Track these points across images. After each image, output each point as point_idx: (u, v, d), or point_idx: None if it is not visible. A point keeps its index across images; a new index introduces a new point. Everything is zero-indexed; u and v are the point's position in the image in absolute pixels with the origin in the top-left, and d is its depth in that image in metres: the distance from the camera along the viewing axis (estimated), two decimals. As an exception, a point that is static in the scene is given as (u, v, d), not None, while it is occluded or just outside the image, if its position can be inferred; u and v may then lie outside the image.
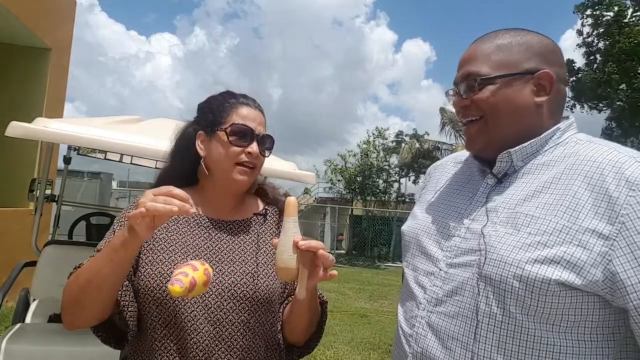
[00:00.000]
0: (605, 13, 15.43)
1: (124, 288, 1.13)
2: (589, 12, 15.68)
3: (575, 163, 0.92)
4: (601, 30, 15.57)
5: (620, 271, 0.81)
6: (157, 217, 0.93)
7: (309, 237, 0.99)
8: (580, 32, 16.09)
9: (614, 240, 0.82)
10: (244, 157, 1.19)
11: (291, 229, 0.98)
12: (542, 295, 0.85)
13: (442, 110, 19.56)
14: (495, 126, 1.00)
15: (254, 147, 1.19)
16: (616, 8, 15.08)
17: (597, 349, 0.86)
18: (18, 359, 2.37)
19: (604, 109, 16.27)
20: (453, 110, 1.15)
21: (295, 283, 0.99)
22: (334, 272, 1.00)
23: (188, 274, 0.92)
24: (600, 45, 15.58)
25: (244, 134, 1.19)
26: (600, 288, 0.83)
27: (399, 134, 24.22)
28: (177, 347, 1.11)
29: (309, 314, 1.18)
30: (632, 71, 14.12)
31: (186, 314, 1.11)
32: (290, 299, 1.24)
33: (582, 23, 16.01)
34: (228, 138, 1.19)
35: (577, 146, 0.97)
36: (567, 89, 1.08)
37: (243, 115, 1.22)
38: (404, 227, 1.18)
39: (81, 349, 2.42)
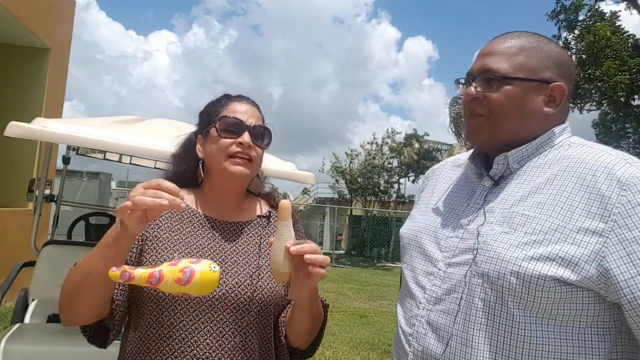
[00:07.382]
0: (574, 16, 15.72)
1: (120, 287, 1.13)
2: (562, 16, 15.95)
3: (569, 165, 0.95)
4: (577, 32, 15.79)
5: (614, 267, 0.84)
6: (148, 211, 0.93)
7: (302, 240, 1.01)
8: (558, 37, 16.30)
9: (607, 237, 0.85)
10: (235, 148, 1.18)
11: (284, 234, 1.00)
12: (538, 290, 0.87)
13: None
14: (498, 126, 1.02)
15: (245, 138, 1.18)
16: (586, 8, 15.33)
17: (592, 343, 0.88)
18: (17, 359, 2.37)
19: (592, 108, 16.47)
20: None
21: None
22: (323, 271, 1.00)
23: (156, 267, 0.91)
24: (579, 46, 15.78)
25: (234, 126, 1.19)
26: (594, 283, 0.86)
27: (409, 136, 23.89)
28: (170, 347, 1.10)
29: (310, 316, 1.17)
30: (601, 65, 14.29)
31: (185, 314, 1.10)
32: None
33: (559, 28, 16.31)
34: (218, 132, 1.19)
35: (570, 149, 0.99)
36: None
37: (233, 109, 1.22)
38: (403, 230, 1.20)
39: (80, 349, 2.41)
